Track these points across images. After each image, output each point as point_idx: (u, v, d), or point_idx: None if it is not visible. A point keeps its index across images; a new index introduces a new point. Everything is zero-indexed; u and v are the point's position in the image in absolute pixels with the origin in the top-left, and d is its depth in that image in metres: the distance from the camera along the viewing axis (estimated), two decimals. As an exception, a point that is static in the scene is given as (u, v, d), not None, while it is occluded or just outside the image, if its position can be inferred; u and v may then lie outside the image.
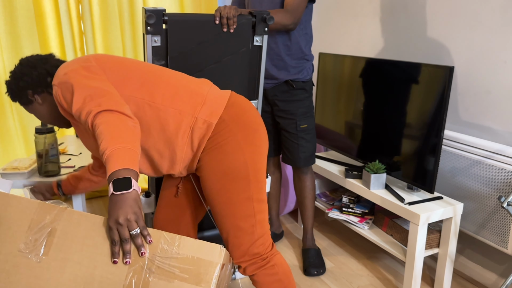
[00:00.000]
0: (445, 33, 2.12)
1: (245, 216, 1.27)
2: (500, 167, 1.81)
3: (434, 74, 1.81)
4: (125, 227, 0.94)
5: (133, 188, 0.96)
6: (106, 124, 1.05)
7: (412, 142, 1.95)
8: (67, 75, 1.18)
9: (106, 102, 1.10)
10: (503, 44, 1.86)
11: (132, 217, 0.94)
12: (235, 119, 1.27)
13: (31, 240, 1.00)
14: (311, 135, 2.13)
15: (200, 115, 1.24)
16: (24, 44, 2.69)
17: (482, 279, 2.07)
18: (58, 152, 2.12)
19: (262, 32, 1.69)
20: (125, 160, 0.98)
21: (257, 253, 1.30)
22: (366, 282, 2.11)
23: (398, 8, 2.37)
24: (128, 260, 0.96)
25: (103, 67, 1.25)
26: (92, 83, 1.16)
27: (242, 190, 1.26)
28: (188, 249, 0.99)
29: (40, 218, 1.01)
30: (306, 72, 2.08)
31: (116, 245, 0.96)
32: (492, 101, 1.93)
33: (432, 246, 1.95)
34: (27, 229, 1.01)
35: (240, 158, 1.25)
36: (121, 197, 0.95)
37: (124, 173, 0.97)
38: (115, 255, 0.97)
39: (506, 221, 1.80)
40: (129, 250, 0.97)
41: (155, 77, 1.26)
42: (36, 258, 0.99)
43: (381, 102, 2.11)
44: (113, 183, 0.96)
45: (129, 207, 0.95)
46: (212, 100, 1.27)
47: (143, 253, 0.97)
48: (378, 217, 2.20)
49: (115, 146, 1.00)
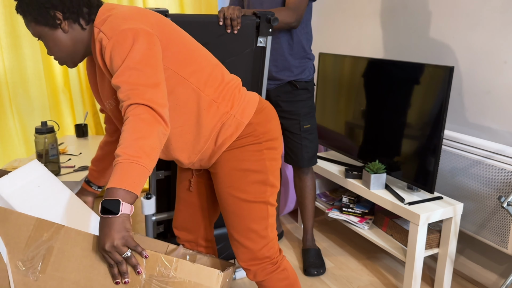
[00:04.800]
0: (445, 33, 2.12)
1: (259, 219, 1.27)
2: (500, 167, 1.81)
3: (434, 74, 1.82)
4: (114, 252, 0.94)
5: (122, 212, 0.93)
6: (136, 124, 0.98)
7: (412, 142, 1.96)
8: (127, 35, 1.05)
9: (151, 95, 1.02)
10: (503, 44, 1.86)
11: (119, 242, 0.93)
12: (262, 125, 1.26)
13: (28, 258, 1.00)
14: (314, 135, 2.13)
15: (235, 114, 1.23)
16: (24, 44, 2.69)
17: (482, 279, 2.07)
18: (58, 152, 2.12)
19: (266, 33, 1.69)
20: (130, 179, 0.94)
21: (268, 256, 1.30)
22: (366, 282, 2.11)
23: (398, 8, 2.37)
24: (126, 280, 0.97)
25: (166, 43, 1.14)
26: (149, 61, 1.05)
27: (260, 192, 1.26)
28: (186, 273, 0.98)
29: (38, 235, 1.00)
30: (308, 72, 2.08)
31: (113, 267, 0.97)
32: (492, 101, 1.93)
33: (432, 246, 1.96)
34: (24, 246, 1.00)
35: (260, 162, 1.25)
36: (108, 221, 0.93)
37: (119, 194, 0.93)
38: (114, 276, 0.97)
39: (506, 221, 1.80)
40: (126, 270, 0.97)
41: (210, 66, 1.21)
42: (33, 276, 0.99)
43: (381, 102, 2.11)
44: (102, 204, 0.93)
45: (116, 233, 0.92)
46: (246, 102, 1.26)
47: (139, 271, 0.97)
48: (378, 217, 2.20)
49: (130, 158, 0.95)
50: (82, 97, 2.92)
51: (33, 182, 1.18)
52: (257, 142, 1.25)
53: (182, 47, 1.16)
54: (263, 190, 1.26)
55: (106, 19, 1.10)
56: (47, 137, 2.03)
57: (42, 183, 1.19)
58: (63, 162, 2.34)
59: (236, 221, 1.27)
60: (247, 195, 1.25)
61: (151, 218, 1.84)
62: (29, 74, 2.76)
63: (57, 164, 2.16)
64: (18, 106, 2.77)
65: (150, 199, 1.78)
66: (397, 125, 2.03)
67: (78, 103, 2.91)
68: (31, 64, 2.74)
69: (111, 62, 1.06)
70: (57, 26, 1.13)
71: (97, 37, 1.09)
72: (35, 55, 2.74)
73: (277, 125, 1.32)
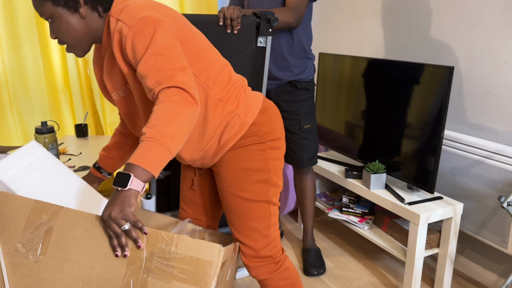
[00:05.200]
0: (445, 33, 2.12)
1: (261, 218, 1.27)
2: (500, 167, 1.81)
3: (434, 74, 1.82)
4: (112, 224, 0.94)
5: (130, 188, 0.94)
6: (166, 105, 0.97)
7: (412, 142, 1.96)
8: (148, 22, 1.03)
9: (181, 78, 1.01)
10: (503, 44, 1.86)
11: (118, 215, 0.93)
12: (266, 124, 1.27)
13: (27, 240, 1.00)
14: (314, 135, 2.13)
15: (239, 113, 1.23)
16: (24, 44, 2.69)
17: (482, 279, 2.07)
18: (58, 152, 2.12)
19: (266, 33, 1.69)
20: (150, 158, 0.95)
21: (270, 256, 1.30)
22: (366, 282, 2.11)
23: (398, 8, 2.37)
24: (126, 253, 0.97)
25: (180, 38, 1.12)
26: (172, 47, 1.04)
27: (262, 192, 1.26)
28: (187, 249, 0.98)
29: (36, 217, 1.00)
30: (308, 72, 2.08)
31: (112, 239, 0.97)
32: (492, 101, 1.93)
33: (432, 246, 1.96)
34: (23, 229, 1.00)
35: (264, 161, 1.25)
36: (116, 193, 0.95)
37: (134, 171, 0.94)
38: (114, 248, 0.97)
39: (506, 221, 1.80)
40: (124, 244, 0.97)
41: (219, 66, 1.21)
42: (34, 258, 0.99)
43: (381, 102, 2.11)
44: (116, 175, 0.95)
45: (117, 205, 0.94)
46: (251, 101, 1.26)
47: (139, 245, 0.97)
48: (378, 217, 2.20)
49: (154, 138, 0.95)
50: (82, 97, 2.92)
51: (32, 164, 1.16)
52: (261, 142, 1.25)
53: (194, 44, 1.16)
54: (265, 189, 1.26)
55: (123, 8, 1.09)
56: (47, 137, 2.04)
57: (42, 165, 1.17)
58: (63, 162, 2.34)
59: (238, 220, 1.28)
60: (250, 194, 1.25)
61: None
62: (29, 74, 2.76)
63: (57, 164, 2.16)
64: (18, 106, 2.77)
65: (150, 199, 1.78)
66: (397, 125, 2.03)
67: (78, 103, 2.91)
68: (31, 64, 2.74)
69: (133, 51, 1.04)
70: (76, 10, 1.09)
71: (116, 27, 1.06)
72: (35, 55, 2.74)
73: (280, 125, 1.32)
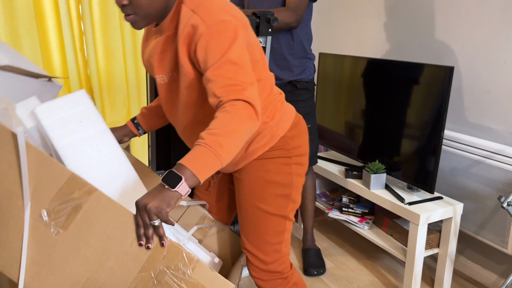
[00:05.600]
0: (445, 33, 2.12)
1: (276, 232, 1.26)
2: (500, 167, 1.81)
3: (434, 74, 1.82)
4: (144, 213, 0.91)
5: (177, 190, 0.92)
6: (232, 117, 0.96)
7: (412, 142, 1.95)
8: (228, 27, 1.01)
9: (250, 92, 1.00)
10: (503, 44, 1.86)
11: (153, 209, 0.90)
12: (295, 139, 1.25)
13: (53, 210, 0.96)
14: (314, 135, 2.13)
15: (272, 125, 1.21)
16: (24, 44, 2.69)
17: (482, 279, 2.07)
18: (58, 152, 2.12)
19: (265, 33, 1.68)
20: (203, 165, 0.93)
21: (279, 271, 1.29)
22: (366, 282, 2.11)
23: (398, 8, 2.37)
24: (149, 246, 0.94)
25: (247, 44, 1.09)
26: (246, 58, 1.02)
27: (281, 206, 1.25)
28: (201, 277, 0.95)
29: (68, 191, 0.96)
30: (308, 72, 2.08)
31: (139, 228, 0.94)
32: (492, 101, 1.93)
33: (432, 246, 1.96)
34: (53, 197, 0.96)
35: (288, 176, 1.24)
36: (160, 187, 0.92)
37: (185, 173, 0.92)
38: (139, 237, 0.94)
39: (506, 221, 1.80)
40: (150, 236, 0.94)
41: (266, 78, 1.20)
42: (54, 230, 0.95)
43: (381, 102, 2.11)
44: (167, 173, 0.93)
45: (157, 200, 0.91)
46: (284, 114, 1.24)
47: (163, 244, 0.94)
48: (378, 217, 2.20)
49: (211, 146, 0.94)
50: (82, 97, 2.92)
51: (76, 116, 1.08)
52: (287, 156, 1.24)
53: (253, 54, 1.14)
54: (285, 204, 1.25)
55: (201, 3, 1.05)
56: (47, 137, 2.03)
57: (85, 119, 1.09)
58: (63, 162, 2.33)
59: (252, 230, 1.26)
60: (268, 207, 1.24)
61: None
62: (29, 74, 2.75)
63: (57, 164, 2.16)
64: (18, 106, 2.77)
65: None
66: (397, 125, 2.03)
67: (78, 103, 2.91)
68: (31, 64, 2.74)
69: (205, 52, 1.00)
70: None
71: (190, 20, 1.02)
72: (35, 55, 2.74)
73: (307, 141, 1.31)
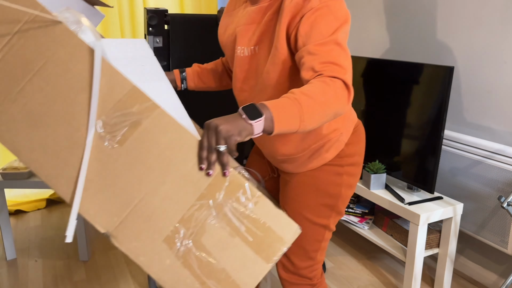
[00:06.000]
0: (445, 33, 2.12)
1: (314, 240, 1.23)
2: (500, 167, 1.81)
3: (434, 74, 1.82)
4: (213, 134, 0.84)
5: (253, 124, 0.85)
6: (330, 90, 0.92)
7: (412, 142, 1.96)
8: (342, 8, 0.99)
9: (349, 77, 0.96)
10: (503, 44, 1.86)
11: (224, 133, 0.83)
12: (351, 146, 1.20)
13: (110, 122, 0.87)
14: None
15: (342, 130, 1.16)
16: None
17: (482, 279, 2.07)
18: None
19: None
20: (284, 116, 0.87)
21: (309, 277, 1.27)
22: (366, 282, 2.11)
23: (398, 8, 2.37)
24: (210, 172, 0.86)
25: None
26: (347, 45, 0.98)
27: (324, 216, 1.21)
28: (264, 213, 0.87)
29: (128, 104, 0.87)
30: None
31: (203, 150, 0.85)
32: (492, 101, 1.93)
33: (432, 246, 1.96)
34: (111, 108, 0.87)
35: (337, 187, 1.19)
36: (238, 116, 0.85)
37: (266, 114, 0.86)
38: (201, 160, 0.86)
39: (506, 221, 1.80)
40: (213, 162, 0.85)
41: None
42: (109, 143, 0.87)
43: (381, 102, 2.11)
44: (250, 105, 0.87)
45: (231, 125, 0.84)
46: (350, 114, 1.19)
47: (226, 173, 0.86)
48: (378, 217, 2.20)
49: (300, 106, 0.88)
50: (82, 97, 2.92)
51: (138, 59, 1.04)
52: (339, 165, 1.19)
53: None
54: (328, 214, 1.21)
55: None
56: (47, 137, 2.03)
57: (147, 65, 1.04)
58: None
59: None
60: (311, 215, 1.20)
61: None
62: (29, 74, 2.75)
63: (57, 164, 2.15)
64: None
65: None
66: (397, 125, 2.03)
67: (78, 103, 2.91)
68: (31, 64, 2.74)
69: (311, 26, 0.97)
70: None
71: None
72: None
73: (363, 149, 1.24)
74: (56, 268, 2.20)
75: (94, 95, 0.87)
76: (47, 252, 2.35)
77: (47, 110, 0.87)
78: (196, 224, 0.86)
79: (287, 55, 1.04)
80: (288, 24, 1.00)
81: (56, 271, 2.18)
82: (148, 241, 0.86)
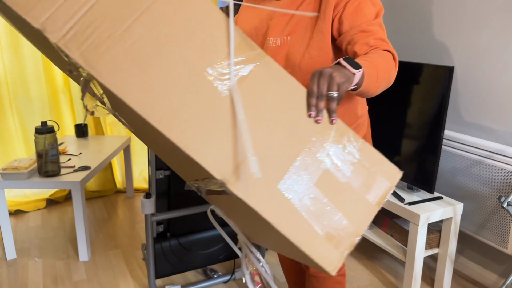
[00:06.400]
0: (445, 33, 2.12)
1: None
2: (500, 167, 1.81)
3: (434, 74, 1.81)
4: (325, 80, 0.85)
5: (356, 73, 0.90)
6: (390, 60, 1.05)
7: (412, 142, 1.95)
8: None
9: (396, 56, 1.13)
10: (503, 44, 1.86)
11: (338, 79, 0.85)
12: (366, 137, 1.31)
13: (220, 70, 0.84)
14: None
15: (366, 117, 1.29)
16: (24, 44, 2.69)
17: (482, 279, 2.07)
18: (58, 152, 2.12)
19: None
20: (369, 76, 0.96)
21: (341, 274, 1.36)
22: (366, 282, 2.11)
23: (398, 8, 2.37)
24: (319, 119, 0.86)
25: None
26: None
27: None
28: (369, 159, 0.90)
29: (239, 51, 0.85)
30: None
31: (312, 97, 0.86)
32: (492, 101, 1.93)
33: (432, 246, 1.96)
34: (225, 56, 0.84)
35: None
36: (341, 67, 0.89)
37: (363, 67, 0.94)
38: (310, 107, 0.86)
39: (506, 221, 1.80)
40: (322, 108, 0.86)
41: None
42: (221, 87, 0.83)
43: (381, 102, 2.11)
44: (348, 57, 0.92)
45: (342, 73, 0.86)
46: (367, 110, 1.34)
47: (333, 120, 0.87)
48: (378, 217, 2.20)
49: (376, 70, 0.98)
50: (82, 97, 2.92)
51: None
52: None
53: None
54: None
55: None
56: (47, 137, 2.03)
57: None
58: (63, 162, 2.33)
59: None
60: None
61: (151, 217, 1.84)
62: (29, 74, 2.76)
63: (57, 164, 2.16)
64: (18, 106, 2.77)
65: (150, 199, 1.78)
66: (397, 125, 2.03)
67: (78, 103, 2.91)
68: (31, 64, 2.74)
69: (356, 11, 1.10)
70: None
71: None
72: (35, 55, 2.74)
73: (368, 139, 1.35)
74: (56, 268, 2.21)
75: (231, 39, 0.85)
76: (47, 252, 2.35)
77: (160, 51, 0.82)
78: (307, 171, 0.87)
79: (330, 40, 1.15)
80: (333, 10, 1.12)
81: (56, 271, 2.18)
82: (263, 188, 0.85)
